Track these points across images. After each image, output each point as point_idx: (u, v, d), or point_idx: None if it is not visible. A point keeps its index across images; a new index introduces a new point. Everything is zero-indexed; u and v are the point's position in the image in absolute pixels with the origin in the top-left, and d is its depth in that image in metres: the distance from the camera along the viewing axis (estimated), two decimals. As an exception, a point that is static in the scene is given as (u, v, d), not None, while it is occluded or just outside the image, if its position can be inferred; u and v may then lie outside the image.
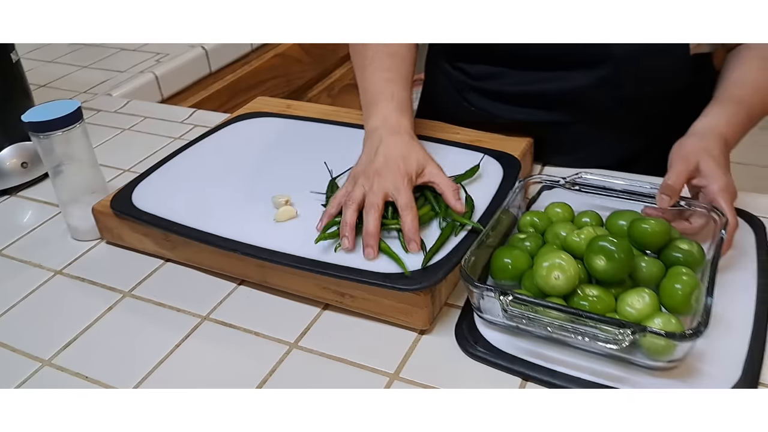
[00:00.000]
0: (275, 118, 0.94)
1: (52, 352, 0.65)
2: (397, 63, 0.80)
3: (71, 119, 0.76)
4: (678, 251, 0.63)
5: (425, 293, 0.61)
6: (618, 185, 0.71)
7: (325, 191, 0.75)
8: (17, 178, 0.94)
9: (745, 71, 0.75)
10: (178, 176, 0.82)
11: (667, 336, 0.52)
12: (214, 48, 1.44)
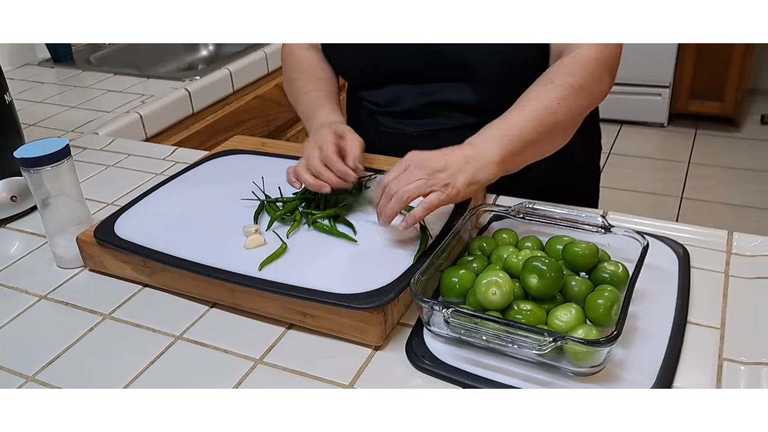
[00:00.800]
0: (250, 155, 1.01)
1: (36, 369, 0.71)
2: (322, 84, 0.92)
3: (60, 156, 0.83)
4: (605, 271, 0.70)
5: (378, 312, 0.67)
6: (558, 214, 0.79)
7: (255, 212, 0.84)
8: (7, 210, 1.00)
9: (536, 87, 0.83)
10: (158, 208, 0.89)
11: (583, 343, 0.58)
12: (197, 89, 1.52)
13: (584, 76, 0.84)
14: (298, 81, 0.98)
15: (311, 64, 1.00)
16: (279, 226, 0.82)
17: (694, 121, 3.20)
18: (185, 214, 0.86)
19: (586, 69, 0.85)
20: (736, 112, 3.08)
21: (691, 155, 2.97)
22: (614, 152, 3.04)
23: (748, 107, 3.30)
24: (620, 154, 3.03)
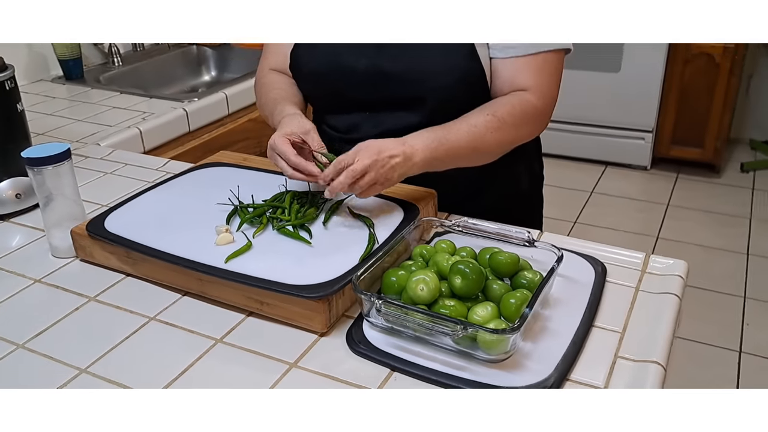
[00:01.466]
0: (231, 167, 1.13)
1: (26, 338, 0.81)
2: (284, 87, 1.09)
3: (61, 158, 0.94)
4: (524, 278, 0.81)
5: (323, 301, 0.78)
6: (491, 229, 0.90)
7: (228, 215, 0.96)
8: (11, 206, 1.11)
9: (474, 113, 0.97)
10: (144, 209, 1.00)
11: (487, 330, 0.69)
12: (194, 110, 1.65)
13: (522, 117, 0.98)
14: (265, 88, 1.12)
15: (280, 80, 1.13)
16: (248, 228, 0.93)
17: (676, 166, 3.32)
18: (167, 214, 0.98)
19: (525, 113, 0.98)
20: (717, 159, 3.20)
21: (670, 198, 3.09)
22: (597, 191, 3.16)
23: (729, 155, 3.42)
24: (603, 193, 3.15)
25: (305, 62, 1.07)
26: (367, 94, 1.03)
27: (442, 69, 0.97)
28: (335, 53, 1.03)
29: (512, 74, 0.99)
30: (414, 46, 0.98)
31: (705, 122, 3.12)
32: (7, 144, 1.11)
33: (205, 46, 2.24)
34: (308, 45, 1.06)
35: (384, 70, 0.99)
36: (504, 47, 0.98)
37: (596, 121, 3.28)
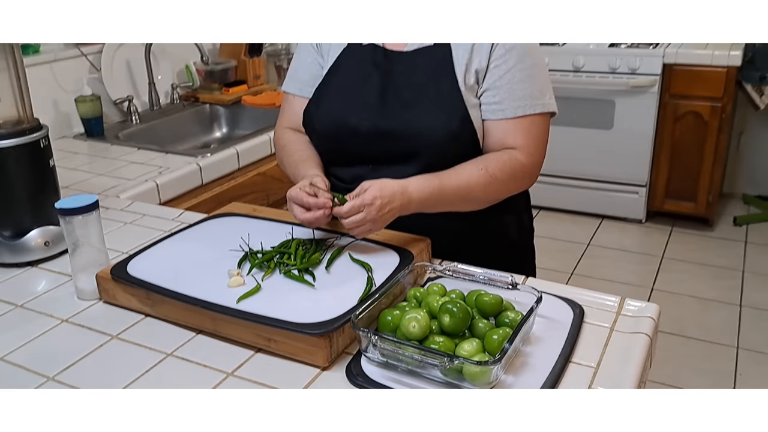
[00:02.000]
0: (242, 217, 1.23)
1: (56, 372, 0.90)
2: (304, 148, 1.22)
3: (90, 208, 1.05)
4: (507, 317, 0.90)
5: (324, 338, 0.86)
6: (478, 273, 0.99)
7: (239, 260, 1.06)
8: (40, 253, 1.21)
9: (464, 164, 1.10)
10: (162, 255, 1.10)
11: (471, 363, 0.77)
12: (207, 164, 1.77)
13: (510, 173, 1.10)
14: (286, 149, 1.25)
15: (299, 141, 1.24)
16: (257, 272, 1.02)
17: (670, 219, 3.42)
18: (184, 260, 1.07)
19: (514, 169, 1.10)
20: (710, 213, 3.30)
21: (665, 250, 3.17)
22: (593, 244, 3.25)
23: (722, 209, 3.52)
24: (599, 245, 3.23)
25: (315, 122, 1.18)
26: (369, 150, 1.14)
27: (436, 128, 1.09)
28: (341, 115, 1.14)
29: (503, 134, 1.10)
30: (410, 108, 1.10)
31: (697, 177, 3.23)
32: (39, 195, 1.21)
33: (218, 105, 2.38)
34: (317, 107, 1.18)
35: (384, 129, 1.11)
36: (494, 110, 1.10)
37: (592, 176, 3.39)
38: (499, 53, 1.11)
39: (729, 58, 2.97)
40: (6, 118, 1.18)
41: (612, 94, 3.19)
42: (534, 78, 1.12)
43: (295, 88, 1.26)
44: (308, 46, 1.25)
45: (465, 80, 1.11)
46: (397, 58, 1.15)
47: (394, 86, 1.13)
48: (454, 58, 1.11)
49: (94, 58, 2.11)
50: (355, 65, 1.17)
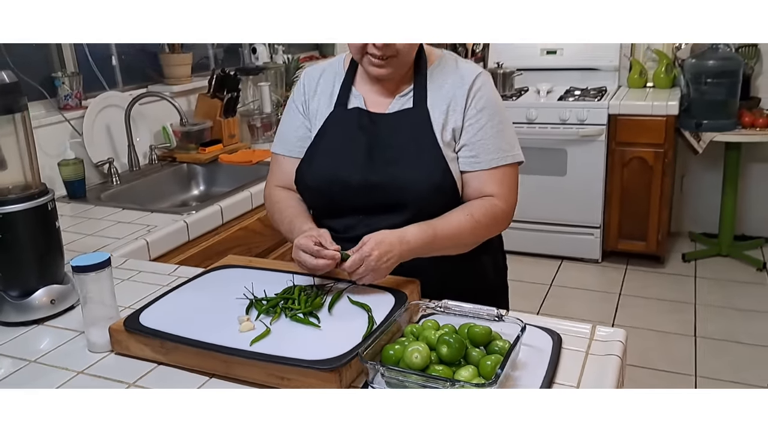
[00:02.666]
0: (240, 268, 1.32)
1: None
2: (295, 204, 1.32)
3: (102, 265, 1.12)
4: (496, 346, 1.00)
5: (335, 372, 0.95)
6: (467, 308, 1.10)
7: (246, 307, 1.14)
8: (46, 311, 1.27)
9: (451, 211, 1.23)
10: (172, 305, 1.17)
11: (470, 386, 0.87)
12: (193, 221, 1.85)
13: (492, 218, 1.24)
14: (278, 206, 1.35)
15: (290, 198, 1.35)
16: (264, 317, 1.11)
17: (625, 258, 3.62)
18: (193, 310, 1.15)
19: (495, 214, 1.24)
20: (660, 250, 3.51)
21: (622, 287, 3.35)
22: (555, 284, 3.41)
23: (671, 246, 3.74)
24: (561, 285, 3.39)
25: (308, 179, 1.29)
26: (359, 202, 1.25)
27: (420, 181, 1.21)
28: (332, 170, 1.26)
29: (481, 184, 1.24)
30: (396, 164, 1.22)
31: (646, 218, 3.44)
32: (46, 256, 1.28)
33: (195, 164, 2.47)
34: (309, 165, 1.29)
35: (373, 182, 1.23)
36: (471, 163, 1.24)
37: (550, 220, 3.58)
38: (472, 113, 1.25)
39: (667, 107, 3.24)
40: (15, 183, 1.26)
41: (564, 143, 3.41)
42: (503, 133, 1.27)
43: (284, 150, 1.37)
44: (296, 111, 1.36)
45: (443, 138, 1.24)
46: (380, 119, 1.28)
47: (379, 145, 1.25)
48: (432, 119, 1.25)
49: (76, 122, 2.19)
50: (342, 127, 1.29)
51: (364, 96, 1.31)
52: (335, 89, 1.33)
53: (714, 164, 3.69)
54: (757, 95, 3.50)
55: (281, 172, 1.38)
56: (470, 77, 1.27)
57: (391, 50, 1.20)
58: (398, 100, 1.29)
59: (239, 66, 2.99)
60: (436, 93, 1.27)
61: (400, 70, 1.25)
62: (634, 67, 3.67)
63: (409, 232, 1.17)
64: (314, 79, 1.36)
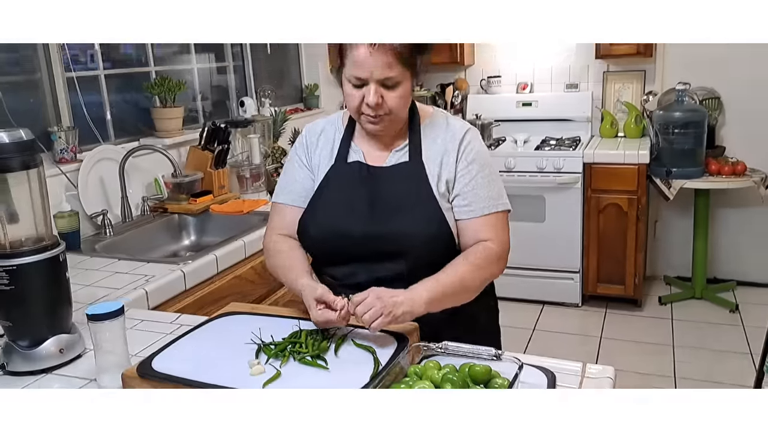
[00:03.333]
0: (245, 315, 1.37)
1: (100, 462, 0.99)
2: (295, 255, 1.37)
3: (117, 314, 1.17)
4: (495, 384, 1.07)
5: (346, 411, 1.00)
6: (466, 349, 1.16)
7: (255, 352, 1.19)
8: (55, 360, 1.30)
9: (454, 262, 1.30)
10: (182, 353, 1.21)
11: (477, 419, 0.93)
12: (190, 270, 1.89)
13: (489, 261, 1.32)
14: (280, 255, 1.40)
15: (289, 247, 1.40)
16: (274, 361, 1.16)
17: (604, 302, 3.71)
18: (203, 355, 1.20)
19: (491, 257, 1.33)
20: (637, 294, 3.61)
21: (602, 330, 3.43)
22: (538, 328, 3.48)
23: (647, 290, 3.85)
24: (544, 330, 3.46)
25: (311, 229, 1.36)
26: (360, 251, 1.32)
27: (418, 231, 1.29)
28: (335, 222, 1.33)
29: (475, 231, 1.33)
30: (395, 214, 1.30)
31: (623, 262, 3.56)
32: (56, 306, 1.32)
33: (186, 214, 2.53)
34: (312, 215, 1.36)
35: (373, 233, 1.30)
36: (465, 211, 1.33)
37: (531, 265, 3.67)
38: (463, 165, 1.34)
39: (638, 156, 3.39)
40: (28, 236, 1.30)
41: (542, 190, 3.54)
42: (492, 183, 1.36)
43: (288, 199, 1.44)
44: (300, 163, 1.44)
45: (438, 189, 1.33)
46: (378, 172, 1.36)
47: (379, 196, 1.33)
48: (427, 171, 1.34)
49: (71, 175, 2.24)
50: (343, 180, 1.37)
51: (363, 150, 1.39)
52: (335, 144, 1.41)
53: (684, 210, 3.84)
54: (722, 144, 3.69)
55: (284, 221, 1.44)
56: (461, 132, 1.37)
57: (383, 109, 1.28)
58: (394, 154, 1.38)
59: (227, 119, 3.08)
60: (429, 147, 1.36)
61: (394, 126, 1.34)
62: (605, 118, 3.85)
63: (417, 286, 1.23)
64: (316, 134, 1.45)
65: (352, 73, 1.26)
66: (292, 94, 3.91)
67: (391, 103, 1.28)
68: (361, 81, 1.26)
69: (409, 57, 1.25)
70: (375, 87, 1.25)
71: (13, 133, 1.25)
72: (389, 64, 1.23)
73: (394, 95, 1.27)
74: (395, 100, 1.27)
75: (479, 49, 4.13)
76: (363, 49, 1.23)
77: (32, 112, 2.28)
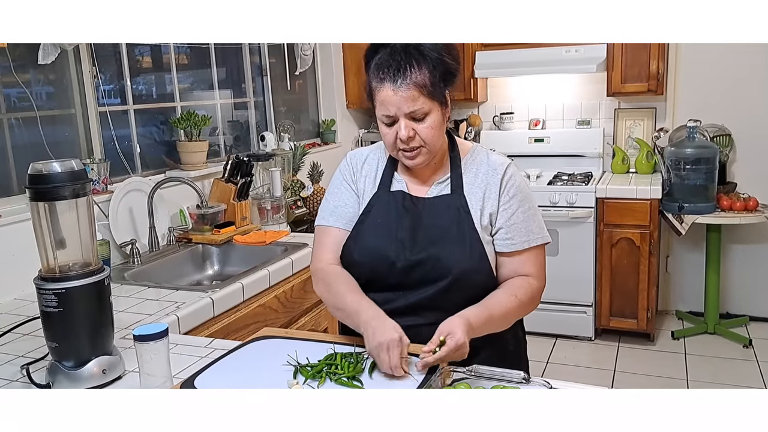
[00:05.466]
0: (279, 339, 1.42)
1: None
2: (354, 285, 1.38)
3: (162, 335, 1.22)
4: (526, 405, 1.11)
5: (384, 429, 1.05)
6: (496, 372, 1.21)
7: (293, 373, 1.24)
8: (97, 380, 1.35)
9: (497, 292, 1.36)
10: (222, 374, 1.26)
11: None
12: (218, 298, 1.95)
13: (531, 296, 1.39)
14: (337, 286, 1.39)
15: (342, 273, 1.42)
16: (311, 381, 1.21)
17: (616, 335, 3.73)
18: (242, 376, 1.25)
19: (533, 293, 1.40)
20: (650, 328, 3.63)
21: (616, 364, 3.44)
22: (552, 362, 3.49)
23: (660, 324, 3.87)
24: (557, 363, 3.48)
25: (355, 254, 1.40)
26: (401, 278, 1.36)
27: (460, 261, 1.34)
28: (379, 249, 1.37)
29: (517, 265, 1.39)
30: (437, 244, 1.35)
31: (636, 296, 3.59)
32: (100, 329, 1.37)
33: (209, 244, 2.59)
34: (356, 241, 1.41)
35: (415, 260, 1.35)
36: (508, 244, 1.38)
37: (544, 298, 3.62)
38: (505, 199, 1.40)
39: (650, 191, 3.46)
40: (75, 261, 1.37)
41: (555, 224, 3.59)
42: (533, 217, 1.42)
43: (340, 224, 1.45)
44: (347, 188, 1.47)
45: (480, 222, 1.38)
46: (421, 202, 1.41)
47: (422, 225, 1.38)
48: (470, 204, 1.39)
49: (103, 206, 2.32)
50: (387, 207, 1.41)
51: (405, 181, 1.44)
52: (378, 172, 1.46)
53: (696, 245, 3.89)
54: (733, 180, 3.75)
55: (335, 243, 1.45)
56: (502, 167, 1.42)
57: (417, 141, 1.33)
58: (436, 186, 1.43)
59: (249, 153, 3.17)
60: (471, 181, 1.42)
61: (431, 157, 1.39)
62: (617, 154, 3.93)
63: (471, 315, 1.26)
64: (360, 161, 1.49)
65: (382, 113, 1.33)
66: (310, 129, 4.02)
67: (423, 135, 1.33)
68: (391, 118, 1.32)
69: (433, 88, 1.31)
70: (405, 122, 1.31)
71: (64, 164, 1.32)
72: (413, 97, 1.29)
73: (424, 126, 1.32)
74: (426, 131, 1.33)
75: (492, 85, 4.24)
76: (387, 88, 1.30)
77: (67, 145, 2.38)
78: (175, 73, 2.96)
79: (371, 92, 1.35)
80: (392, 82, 1.29)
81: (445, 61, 1.32)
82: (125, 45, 2.66)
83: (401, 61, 1.29)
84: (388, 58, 1.30)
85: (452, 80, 1.35)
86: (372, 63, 1.34)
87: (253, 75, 3.51)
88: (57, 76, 2.39)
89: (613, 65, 3.66)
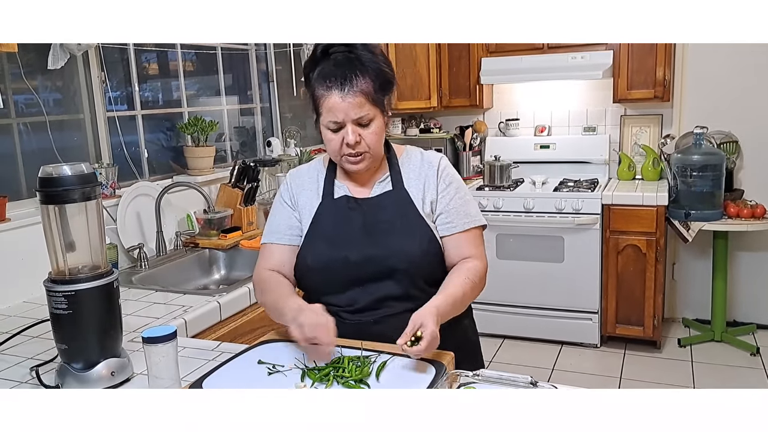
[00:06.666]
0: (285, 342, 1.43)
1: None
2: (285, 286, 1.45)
3: (170, 337, 1.23)
4: (534, 409, 1.11)
5: None
6: (504, 376, 1.21)
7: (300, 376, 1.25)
8: (106, 382, 1.36)
9: (451, 277, 1.41)
10: (230, 376, 1.27)
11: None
12: (225, 302, 1.96)
13: (479, 277, 1.44)
14: (269, 284, 1.47)
15: (273, 275, 1.48)
16: (318, 384, 1.21)
17: (622, 343, 3.72)
18: (250, 378, 1.25)
19: (480, 274, 1.45)
20: (656, 335, 3.62)
21: (622, 372, 3.43)
22: (557, 369, 3.48)
23: (667, 332, 3.86)
24: (563, 370, 3.47)
25: (309, 261, 1.45)
26: (359, 274, 1.41)
27: (413, 248, 1.41)
28: (332, 250, 1.43)
29: (458, 247, 1.46)
30: (388, 235, 1.41)
31: (642, 304, 3.58)
32: (109, 331, 1.38)
33: (216, 249, 2.60)
34: (309, 248, 1.46)
35: (370, 254, 1.40)
36: (449, 227, 1.46)
37: (549, 305, 3.70)
38: (443, 187, 1.49)
39: (657, 198, 3.45)
40: (85, 263, 1.38)
41: (560, 231, 3.59)
42: (469, 203, 1.52)
43: (275, 238, 1.52)
44: (284, 205, 1.54)
45: (423, 210, 1.46)
46: (366, 202, 1.47)
47: (371, 222, 1.44)
48: (411, 196, 1.47)
49: (111, 210, 2.33)
50: (334, 212, 1.47)
51: (347, 186, 1.51)
52: (320, 184, 1.52)
53: (703, 252, 3.87)
54: (740, 187, 3.74)
55: (272, 258, 1.52)
56: (436, 160, 1.52)
57: (362, 146, 1.40)
58: (378, 185, 1.50)
59: (256, 158, 3.19)
60: (409, 176, 1.50)
61: (373, 162, 1.46)
62: (623, 160, 3.93)
63: (439, 304, 1.31)
64: (299, 178, 1.56)
65: (330, 120, 1.39)
66: (315, 135, 4.02)
67: (368, 140, 1.40)
68: (338, 125, 1.38)
69: (376, 96, 1.38)
70: (352, 127, 1.38)
71: (74, 167, 1.33)
72: (360, 103, 1.36)
73: (369, 132, 1.39)
74: (371, 136, 1.40)
75: (497, 91, 4.25)
76: (335, 96, 1.36)
77: (76, 150, 2.39)
78: (182, 80, 2.98)
79: (316, 101, 1.41)
80: (340, 90, 1.35)
81: (384, 71, 1.39)
82: (133, 51, 2.68)
83: (347, 71, 1.35)
84: (333, 68, 1.36)
85: (390, 88, 1.43)
86: (314, 74, 1.39)
87: (259, 81, 3.53)
88: (66, 81, 2.41)
89: (619, 71, 3.66)
